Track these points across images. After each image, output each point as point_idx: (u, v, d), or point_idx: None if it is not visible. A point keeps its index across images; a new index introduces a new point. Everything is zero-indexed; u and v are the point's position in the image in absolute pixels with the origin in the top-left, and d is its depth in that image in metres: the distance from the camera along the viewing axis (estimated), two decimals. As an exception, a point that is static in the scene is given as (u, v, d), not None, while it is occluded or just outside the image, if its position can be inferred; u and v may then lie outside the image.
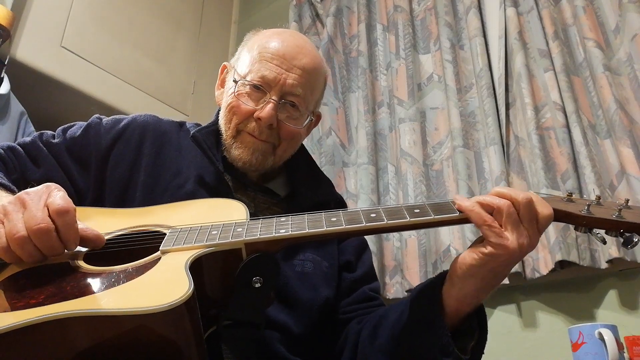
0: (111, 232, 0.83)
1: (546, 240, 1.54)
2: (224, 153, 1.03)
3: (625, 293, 1.48)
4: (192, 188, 0.97)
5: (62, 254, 0.74)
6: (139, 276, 0.68)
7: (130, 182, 0.98)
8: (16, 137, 1.79)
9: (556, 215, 0.75)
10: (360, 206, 1.91)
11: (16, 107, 1.84)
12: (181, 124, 1.12)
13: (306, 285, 0.96)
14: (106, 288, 0.67)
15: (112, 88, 2.20)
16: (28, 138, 1.02)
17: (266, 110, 0.97)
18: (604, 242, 0.76)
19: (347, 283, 1.04)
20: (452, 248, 1.71)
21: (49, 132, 1.04)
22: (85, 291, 0.66)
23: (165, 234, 0.79)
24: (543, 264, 1.54)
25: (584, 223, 0.74)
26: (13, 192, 0.84)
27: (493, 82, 1.88)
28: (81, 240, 0.75)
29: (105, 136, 1.02)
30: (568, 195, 0.77)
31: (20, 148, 0.99)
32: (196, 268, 0.70)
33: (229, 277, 0.73)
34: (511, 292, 1.65)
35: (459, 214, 0.75)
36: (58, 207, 0.70)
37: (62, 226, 0.71)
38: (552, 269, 1.51)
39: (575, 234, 1.48)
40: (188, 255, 0.71)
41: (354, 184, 2.06)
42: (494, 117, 1.79)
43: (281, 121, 1.00)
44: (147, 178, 0.98)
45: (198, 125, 1.11)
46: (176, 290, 0.62)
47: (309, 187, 1.10)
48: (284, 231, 0.75)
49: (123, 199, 0.96)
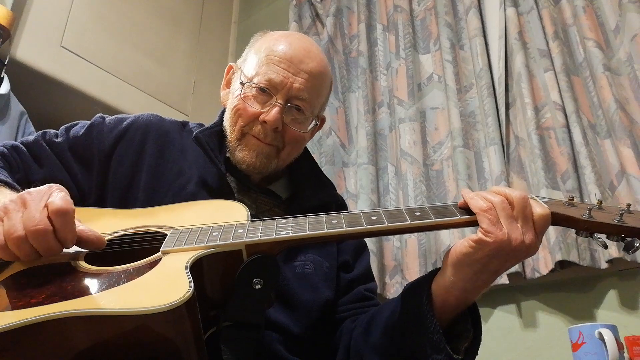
0: (112, 233, 0.83)
1: (546, 240, 1.54)
2: (228, 154, 1.03)
3: (625, 293, 1.48)
4: (195, 189, 0.97)
5: (61, 254, 0.74)
6: (140, 276, 0.68)
7: (132, 182, 0.98)
8: (16, 137, 1.79)
9: (557, 219, 0.74)
10: (360, 206, 1.91)
11: (16, 107, 1.84)
12: (184, 124, 1.12)
13: (306, 286, 0.96)
14: (106, 288, 0.67)
15: (112, 88, 2.20)
16: (31, 137, 1.01)
17: (272, 113, 0.97)
18: (605, 247, 0.75)
19: (344, 283, 1.04)
20: (452, 248, 1.71)
21: (52, 131, 1.04)
22: (85, 291, 0.66)
23: (166, 235, 0.79)
24: (543, 264, 1.54)
25: (585, 227, 0.74)
26: (17, 191, 0.84)
27: (493, 82, 1.88)
28: (82, 241, 0.75)
29: (108, 136, 1.02)
30: (569, 199, 0.77)
31: (23, 147, 0.98)
32: (197, 269, 0.70)
33: (230, 278, 0.73)
34: (511, 292, 1.65)
35: (460, 217, 0.75)
36: (57, 208, 0.71)
37: (60, 226, 0.71)
38: (552, 269, 1.51)
39: (575, 234, 1.48)
40: (189, 256, 0.71)
41: (354, 184, 2.06)
42: (494, 117, 1.79)
43: (286, 125, 1.00)
44: (150, 178, 0.98)
45: (201, 125, 1.11)
46: (176, 290, 0.62)
47: (311, 189, 1.09)
48: (285, 233, 0.75)
49: (125, 199, 0.96)
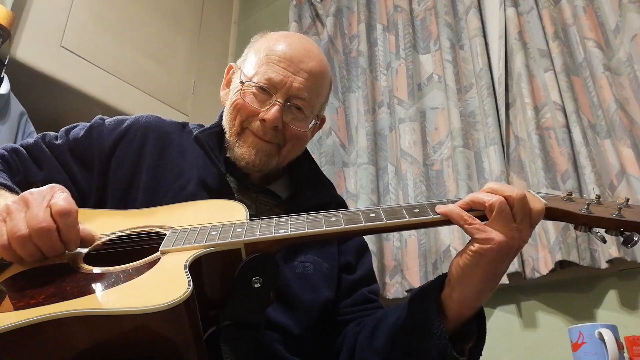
0: (111, 233, 0.83)
1: (546, 240, 1.54)
2: (227, 153, 1.03)
3: (625, 293, 1.48)
4: (194, 189, 0.97)
5: (62, 255, 0.74)
6: (139, 276, 0.68)
7: (132, 183, 0.98)
8: (16, 137, 1.79)
9: (556, 214, 0.75)
10: (360, 206, 1.91)
11: (16, 107, 1.84)
12: (184, 125, 1.12)
13: (306, 286, 0.96)
14: (106, 288, 0.67)
15: (112, 88, 2.20)
16: (31, 139, 1.02)
17: (272, 112, 0.97)
18: (604, 241, 0.76)
19: (347, 284, 1.04)
20: (452, 248, 1.71)
21: (52, 133, 1.04)
22: (84, 291, 0.66)
23: (165, 235, 0.79)
24: (543, 264, 1.54)
25: (584, 222, 0.74)
26: (17, 194, 0.84)
27: (493, 82, 1.87)
28: (83, 241, 0.75)
29: (107, 137, 1.02)
30: (568, 194, 0.77)
31: (23, 150, 0.99)
32: (195, 268, 0.70)
33: (229, 278, 0.73)
34: (511, 292, 1.65)
35: None
36: (60, 208, 0.71)
37: (64, 227, 0.71)
38: (552, 269, 1.51)
39: (575, 234, 1.48)
40: (187, 255, 0.71)
41: (354, 184, 2.06)
42: (494, 117, 1.79)
43: (286, 123, 1.00)
44: (149, 179, 0.98)
45: (201, 126, 1.11)
46: (175, 290, 0.62)
47: (311, 189, 1.09)
48: (283, 231, 0.75)
49: (125, 200, 0.96)
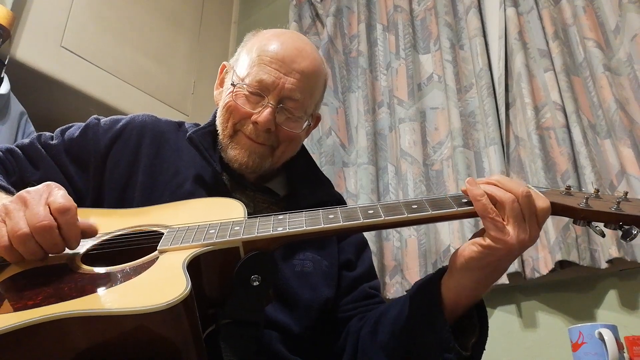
0: (109, 233, 0.83)
1: (546, 240, 1.54)
2: (221, 153, 1.03)
3: (625, 293, 1.48)
4: (192, 188, 0.97)
5: (62, 253, 0.74)
6: (137, 276, 0.68)
7: (128, 183, 0.98)
8: (16, 137, 1.79)
9: (554, 208, 0.74)
10: (360, 206, 1.90)
11: (16, 107, 1.84)
12: (180, 124, 1.12)
13: (306, 284, 0.96)
14: (104, 288, 0.67)
15: (112, 88, 2.20)
16: (26, 140, 1.02)
17: (264, 115, 0.96)
18: (603, 235, 0.74)
19: (347, 281, 1.04)
20: (452, 248, 1.71)
21: (48, 134, 1.04)
22: (82, 291, 0.66)
23: (162, 234, 0.79)
24: (543, 264, 1.54)
25: (583, 216, 0.73)
26: (13, 195, 0.84)
27: (493, 82, 1.87)
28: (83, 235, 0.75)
29: (103, 137, 1.02)
30: (566, 188, 0.77)
31: (18, 150, 0.98)
32: (194, 267, 0.70)
33: (227, 276, 0.73)
34: (511, 292, 1.65)
35: (457, 209, 0.74)
36: (59, 206, 0.71)
37: (64, 224, 0.71)
38: (552, 269, 1.50)
39: (575, 234, 1.48)
40: (185, 254, 0.71)
41: (354, 184, 2.06)
42: (494, 117, 1.78)
43: (279, 125, 0.99)
44: (146, 178, 0.98)
45: (197, 125, 1.11)
46: (174, 289, 0.62)
47: (309, 187, 1.09)
48: (282, 229, 0.75)
49: (122, 200, 0.96)
